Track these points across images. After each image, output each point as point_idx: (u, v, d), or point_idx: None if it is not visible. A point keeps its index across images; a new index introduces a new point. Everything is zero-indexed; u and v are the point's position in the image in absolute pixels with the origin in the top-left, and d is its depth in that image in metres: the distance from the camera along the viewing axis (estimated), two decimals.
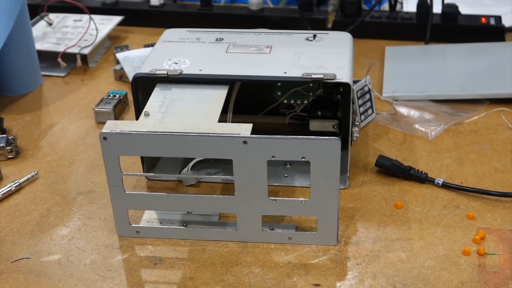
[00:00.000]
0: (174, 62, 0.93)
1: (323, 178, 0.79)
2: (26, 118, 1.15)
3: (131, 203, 0.84)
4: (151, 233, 0.86)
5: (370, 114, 1.09)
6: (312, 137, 0.77)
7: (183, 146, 0.79)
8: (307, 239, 0.84)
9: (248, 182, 0.80)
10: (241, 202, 0.82)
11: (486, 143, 1.04)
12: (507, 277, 0.79)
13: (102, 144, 0.80)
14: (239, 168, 0.79)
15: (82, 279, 0.81)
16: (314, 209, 0.82)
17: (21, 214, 0.92)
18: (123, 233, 0.86)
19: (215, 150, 0.79)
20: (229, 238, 0.85)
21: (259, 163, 0.79)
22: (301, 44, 0.99)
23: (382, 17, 1.39)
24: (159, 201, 0.84)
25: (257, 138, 0.77)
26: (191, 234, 0.86)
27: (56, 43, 1.31)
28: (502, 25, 1.35)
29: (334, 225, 0.83)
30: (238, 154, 0.78)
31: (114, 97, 1.15)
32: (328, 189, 0.80)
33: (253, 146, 0.78)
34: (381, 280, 0.79)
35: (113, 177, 0.82)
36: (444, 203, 0.91)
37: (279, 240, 0.85)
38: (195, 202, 0.84)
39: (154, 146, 0.79)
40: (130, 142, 0.79)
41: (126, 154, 0.82)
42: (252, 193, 0.81)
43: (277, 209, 0.82)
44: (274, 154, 0.78)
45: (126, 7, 1.47)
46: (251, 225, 0.84)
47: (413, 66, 1.25)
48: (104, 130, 0.80)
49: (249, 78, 0.90)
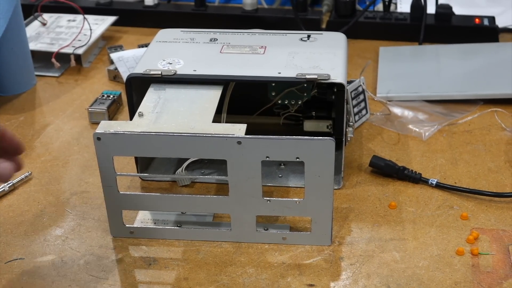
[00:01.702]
0: (168, 62, 0.93)
1: (317, 178, 0.79)
2: (20, 118, 1.14)
3: (125, 203, 0.84)
4: (145, 233, 0.86)
5: (364, 115, 1.10)
6: (306, 138, 0.77)
7: (177, 147, 0.79)
8: (301, 239, 0.85)
9: (242, 182, 0.80)
10: (235, 203, 0.82)
11: (479, 144, 1.04)
12: (500, 277, 0.79)
13: (96, 144, 0.79)
14: (233, 168, 0.79)
15: (76, 279, 0.81)
16: (308, 209, 0.82)
17: (14, 214, 0.92)
18: (117, 233, 0.86)
19: (209, 150, 0.79)
20: (223, 238, 0.85)
21: (253, 164, 0.79)
22: (295, 44, 0.99)
23: (376, 17, 1.39)
24: (153, 201, 0.84)
25: (251, 138, 0.77)
26: (185, 235, 0.86)
27: (50, 43, 1.31)
28: (495, 26, 1.35)
29: (328, 226, 0.83)
30: (232, 155, 0.78)
31: (108, 97, 1.14)
32: (322, 189, 0.80)
33: (247, 146, 0.78)
34: (375, 280, 0.79)
35: (107, 177, 0.82)
36: (438, 203, 0.92)
37: (273, 241, 0.85)
38: (189, 203, 0.84)
39: (148, 146, 0.79)
40: (124, 142, 0.79)
41: (120, 154, 0.81)
42: (246, 193, 0.81)
43: (272, 210, 0.83)
44: (268, 154, 0.78)
45: (120, 7, 1.47)
46: (245, 226, 0.84)
47: (407, 67, 1.25)
48: (98, 130, 0.79)
49: (243, 78, 0.90)
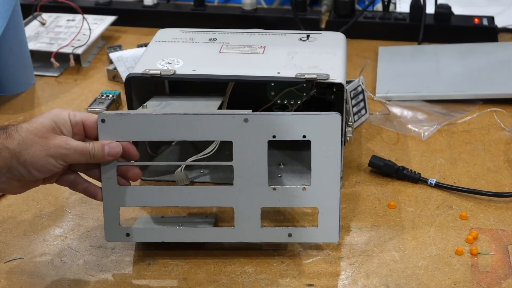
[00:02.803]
0: (168, 62, 0.93)
1: (324, 160, 0.77)
2: (19, 118, 1.14)
3: (125, 198, 0.80)
4: (142, 236, 0.82)
5: (363, 114, 1.10)
6: (313, 113, 0.77)
7: (183, 128, 0.77)
8: (308, 235, 0.82)
9: (247, 167, 0.78)
10: (239, 192, 0.79)
11: (479, 143, 1.04)
12: (499, 276, 0.79)
13: (99, 127, 0.77)
14: (239, 150, 0.78)
15: (75, 279, 0.81)
16: (315, 198, 0.79)
17: (14, 214, 0.92)
18: (113, 237, 0.82)
19: (215, 130, 0.77)
20: (226, 238, 0.82)
21: (260, 144, 0.77)
22: (294, 44, 0.99)
23: (376, 17, 1.39)
24: (154, 194, 0.81)
25: (258, 115, 0.77)
26: (185, 236, 0.82)
27: (49, 43, 1.30)
28: (495, 26, 1.35)
29: (335, 218, 0.80)
30: (239, 134, 0.77)
31: (107, 97, 1.14)
32: (329, 172, 0.78)
33: (254, 124, 0.76)
34: (374, 280, 0.79)
35: (107, 167, 0.78)
36: (437, 203, 0.92)
37: (279, 239, 0.82)
38: (192, 195, 0.81)
39: (153, 128, 0.77)
40: (129, 124, 0.77)
41: (125, 138, 0.78)
42: (251, 180, 0.79)
43: (277, 199, 0.80)
44: (275, 133, 0.77)
45: (119, 7, 1.47)
46: (249, 221, 0.80)
47: (406, 67, 1.25)
48: (103, 113, 0.78)
49: (243, 78, 0.90)
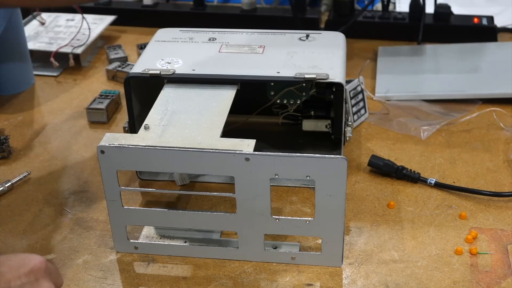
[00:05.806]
0: (167, 61, 0.93)
1: (328, 198, 0.76)
2: (18, 118, 1.14)
3: (130, 218, 0.81)
4: (150, 249, 0.83)
5: (362, 114, 1.10)
6: (317, 155, 0.74)
7: (183, 162, 0.76)
8: (311, 259, 0.81)
9: (250, 200, 0.77)
10: (242, 220, 0.79)
11: (478, 143, 1.04)
12: (499, 276, 0.79)
13: (100, 158, 0.77)
14: (241, 185, 0.76)
15: (74, 279, 0.81)
16: (319, 229, 0.79)
17: (13, 214, 0.92)
18: (122, 248, 0.84)
19: (216, 166, 0.76)
20: (231, 256, 0.82)
21: (262, 181, 0.76)
22: (294, 44, 0.99)
23: (375, 17, 1.39)
24: (159, 216, 0.81)
25: (259, 155, 0.74)
26: (191, 252, 0.83)
27: (49, 42, 1.30)
28: (494, 25, 1.35)
29: (339, 246, 0.79)
30: (240, 171, 0.75)
31: (107, 97, 1.14)
32: (333, 209, 0.77)
33: (256, 163, 0.75)
34: (374, 280, 0.79)
35: (111, 192, 0.79)
36: (436, 203, 0.92)
37: (282, 260, 0.82)
38: (195, 219, 0.81)
39: (153, 161, 0.77)
40: (129, 156, 0.77)
41: (125, 168, 0.78)
42: (254, 211, 0.78)
43: (280, 229, 0.79)
44: (277, 172, 0.75)
45: (119, 7, 1.47)
46: (253, 244, 0.81)
47: (406, 66, 1.25)
48: (102, 143, 0.77)
49: (242, 78, 0.90)
